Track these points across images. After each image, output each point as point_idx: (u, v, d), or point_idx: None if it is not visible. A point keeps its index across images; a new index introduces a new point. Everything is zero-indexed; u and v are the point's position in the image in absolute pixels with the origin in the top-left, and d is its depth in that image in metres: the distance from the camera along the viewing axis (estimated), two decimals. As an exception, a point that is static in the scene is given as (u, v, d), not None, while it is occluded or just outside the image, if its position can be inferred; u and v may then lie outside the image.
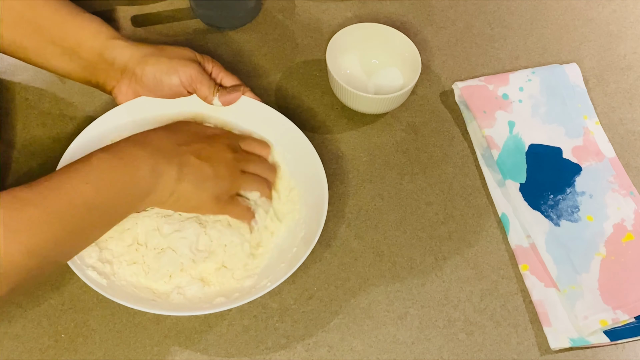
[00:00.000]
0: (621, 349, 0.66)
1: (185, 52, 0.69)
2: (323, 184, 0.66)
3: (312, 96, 0.81)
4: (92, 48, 0.67)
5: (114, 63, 0.67)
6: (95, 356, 0.62)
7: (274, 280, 0.60)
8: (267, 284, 0.60)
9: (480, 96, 0.80)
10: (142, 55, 0.67)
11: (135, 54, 0.67)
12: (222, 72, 0.71)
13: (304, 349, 0.64)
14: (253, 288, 0.61)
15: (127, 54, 0.67)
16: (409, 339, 0.65)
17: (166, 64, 0.67)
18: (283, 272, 0.61)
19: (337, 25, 0.87)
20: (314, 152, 0.68)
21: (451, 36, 0.88)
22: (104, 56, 0.67)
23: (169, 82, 0.68)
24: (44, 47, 0.66)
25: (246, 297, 0.59)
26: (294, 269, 0.60)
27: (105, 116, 0.68)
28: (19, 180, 0.71)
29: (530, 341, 0.66)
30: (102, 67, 0.67)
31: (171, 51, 0.68)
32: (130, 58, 0.67)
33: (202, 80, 0.68)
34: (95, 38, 0.67)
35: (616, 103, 0.83)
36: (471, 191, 0.75)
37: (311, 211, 0.66)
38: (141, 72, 0.67)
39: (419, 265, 0.70)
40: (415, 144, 0.78)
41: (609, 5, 0.92)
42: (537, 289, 0.68)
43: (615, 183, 0.75)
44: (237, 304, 0.59)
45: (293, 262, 0.61)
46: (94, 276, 0.59)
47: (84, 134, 0.67)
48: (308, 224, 0.65)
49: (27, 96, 0.77)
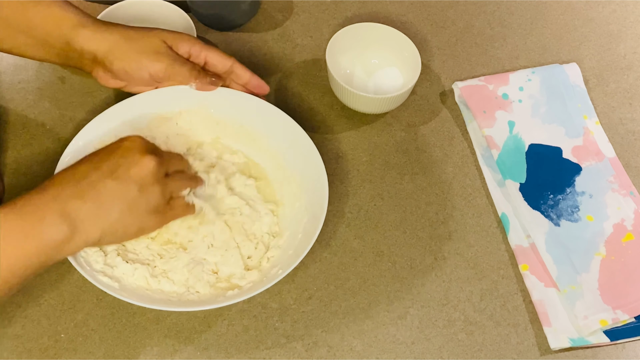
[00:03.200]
0: (621, 349, 0.66)
1: (154, 40, 0.66)
2: (323, 183, 0.66)
3: (312, 96, 0.81)
4: (59, 37, 0.65)
5: (83, 53, 0.66)
6: (95, 356, 0.62)
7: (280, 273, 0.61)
8: (279, 271, 0.61)
9: (480, 96, 0.80)
10: (108, 47, 0.65)
11: (102, 46, 0.65)
12: (203, 50, 0.68)
13: (304, 349, 0.64)
14: (260, 282, 0.62)
15: (94, 45, 0.65)
16: (409, 339, 0.65)
17: (134, 59, 0.66)
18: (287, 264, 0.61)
19: (337, 25, 0.87)
20: (315, 151, 0.68)
21: (451, 36, 0.88)
22: (72, 45, 0.65)
23: (140, 76, 0.67)
24: (15, 37, 0.65)
25: (257, 288, 0.60)
26: (292, 266, 0.61)
27: (100, 117, 0.67)
28: (19, 180, 0.71)
29: (530, 341, 0.66)
30: (73, 56, 0.66)
31: (138, 42, 0.66)
32: (97, 49, 0.65)
33: (173, 72, 0.67)
34: (59, 27, 0.65)
35: (616, 103, 0.83)
36: (471, 191, 0.75)
37: (311, 210, 0.66)
38: (111, 65, 0.66)
39: (419, 265, 0.70)
40: (415, 144, 0.78)
41: (609, 5, 0.92)
42: (537, 289, 0.68)
43: (615, 183, 0.75)
44: (251, 294, 0.59)
45: (294, 257, 0.62)
46: (105, 281, 0.59)
47: (81, 134, 0.66)
48: (307, 223, 0.65)
49: (27, 96, 0.77)
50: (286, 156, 0.71)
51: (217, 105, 0.71)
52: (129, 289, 0.60)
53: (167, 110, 0.70)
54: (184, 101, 0.70)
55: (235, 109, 0.71)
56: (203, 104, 0.71)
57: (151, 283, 0.62)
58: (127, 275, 0.61)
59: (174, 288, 0.62)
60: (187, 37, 0.69)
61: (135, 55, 0.66)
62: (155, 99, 0.69)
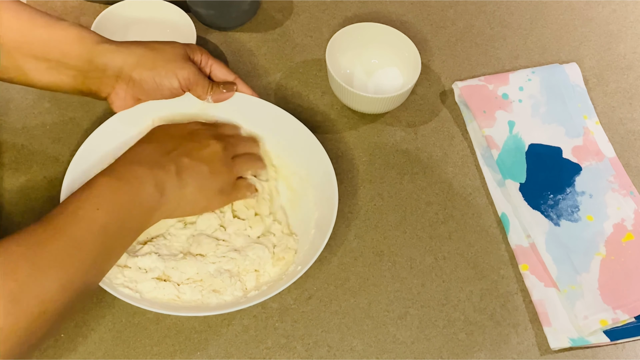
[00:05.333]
0: (621, 349, 0.66)
1: (178, 49, 0.67)
2: (331, 177, 0.67)
3: (312, 96, 0.81)
4: (80, 56, 0.64)
5: (106, 69, 0.64)
6: (95, 356, 0.62)
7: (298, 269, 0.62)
8: (298, 267, 0.62)
9: (480, 96, 0.80)
10: (136, 59, 0.65)
11: (129, 59, 0.65)
12: (210, 60, 0.70)
13: (303, 348, 0.64)
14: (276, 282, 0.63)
15: (120, 59, 0.64)
16: (409, 339, 0.65)
17: (164, 67, 0.66)
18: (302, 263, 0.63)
19: (337, 25, 0.87)
20: (320, 148, 0.69)
21: (451, 36, 0.88)
22: (94, 63, 0.64)
23: (170, 85, 0.67)
24: (22, 62, 0.63)
25: (276, 288, 0.61)
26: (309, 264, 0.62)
27: (102, 128, 0.67)
28: (19, 180, 0.71)
29: (530, 341, 0.66)
30: (93, 75, 0.65)
31: (164, 52, 0.66)
32: (124, 63, 0.65)
33: (198, 81, 0.68)
34: (81, 45, 0.64)
35: (616, 103, 0.83)
36: (471, 191, 0.75)
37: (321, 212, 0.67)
38: (139, 77, 0.65)
39: (419, 265, 0.70)
40: (415, 143, 0.78)
41: (609, 5, 0.92)
42: (537, 289, 0.68)
43: (615, 183, 0.75)
44: (270, 295, 0.60)
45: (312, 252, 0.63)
46: (126, 292, 0.60)
47: (87, 144, 0.66)
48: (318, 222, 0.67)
49: (27, 96, 0.77)
50: (291, 152, 0.71)
51: (222, 110, 0.71)
52: (148, 301, 0.61)
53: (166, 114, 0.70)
54: (179, 103, 0.70)
55: (240, 113, 0.72)
56: (198, 108, 0.71)
57: (176, 294, 0.62)
58: (148, 290, 0.61)
59: (196, 296, 0.63)
60: (198, 47, 0.71)
61: (164, 63, 0.66)
62: (167, 103, 0.69)
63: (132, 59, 0.65)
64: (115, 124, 0.67)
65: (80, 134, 0.74)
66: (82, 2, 0.85)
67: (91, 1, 0.86)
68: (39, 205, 0.70)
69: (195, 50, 0.69)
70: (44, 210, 0.69)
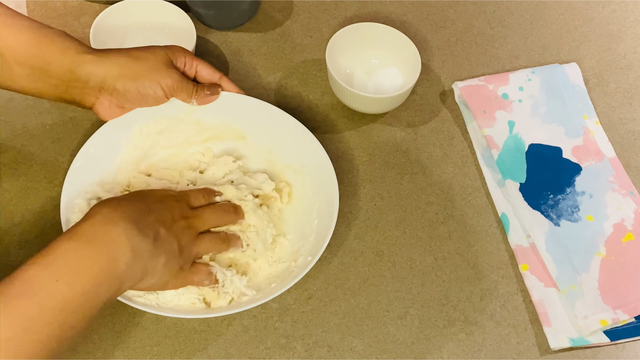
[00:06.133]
0: (621, 349, 0.66)
1: (160, 56, 0.66)
2: (333, 184, 0.67)
3: (312, 96, 0.81)
4: (61, 66, 0.62)
5: (89, 80, 0.63)
6: (95, 356, 0.62)
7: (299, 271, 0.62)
8: (308, 257, 0.63)
9: (480, 96, 0.80)
10: (119, 70, 0.63)
11: (112, 69, 0.63)
12: (194, 61, 0.69)
13: (303, 348, 0.64)
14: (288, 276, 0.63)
15: (102, 70, 0.63)
16: (408, 339, 0.65)
17: (147, 77, 0.65)
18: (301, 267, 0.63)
19: (337, 25, 0.87)
20: (320, 148, 0.69)
21: (451, 36, 0.88)
22: (76, 73, 0.63)
23: (154, 94, 0.66)
24: (8, 69, 0.62)
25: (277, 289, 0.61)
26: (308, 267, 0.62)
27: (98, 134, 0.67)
28: (19, 181, 0.71)
29: (530, 341, 0.66)
30: (76, 85, 0.63)
31: (147, 60, 0.65)
32: (106, 74, 0.63)
33: (182, 87, 0.67)
34: (63, 55, 0.62)
35: (616, 103, 0.83)
36: (471, 191, 0.75)
37: (322, 212, 0.67)
38: (123, 88, 0.64)
39: (419, 265, 0.70)
40: (415, 143, 0.78)
41: (609, 5, 0.92)
42: (537, 289, 0.68)
43: (615, 183, 0.75)
44: (279, 292, 0.60)
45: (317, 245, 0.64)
46: (142, 301, 0.59)
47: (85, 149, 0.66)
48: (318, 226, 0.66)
49: (27, 96, 0.77)
50: (291, 152, 0.71)
51: (216, 113, 0.71)
52: (166, 309, 0.60)
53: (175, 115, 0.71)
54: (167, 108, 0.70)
55: (246, 118, 0.72)
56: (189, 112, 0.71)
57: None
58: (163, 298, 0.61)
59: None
60: (181, 49, 0.69)
61: (147, 73, 0.65)
62: (167, 105, 0.69)
63: (114, 70, 0.63)
64: (109, 130, 0.67)
65: (80, 134, 0.74)
66: (82, 2, 0.85)
67: (91, 1, 0.86)
68: (39, 205, 0.70)
69: (178, 53, 0.68)
70: (44, 210, 0.69)
